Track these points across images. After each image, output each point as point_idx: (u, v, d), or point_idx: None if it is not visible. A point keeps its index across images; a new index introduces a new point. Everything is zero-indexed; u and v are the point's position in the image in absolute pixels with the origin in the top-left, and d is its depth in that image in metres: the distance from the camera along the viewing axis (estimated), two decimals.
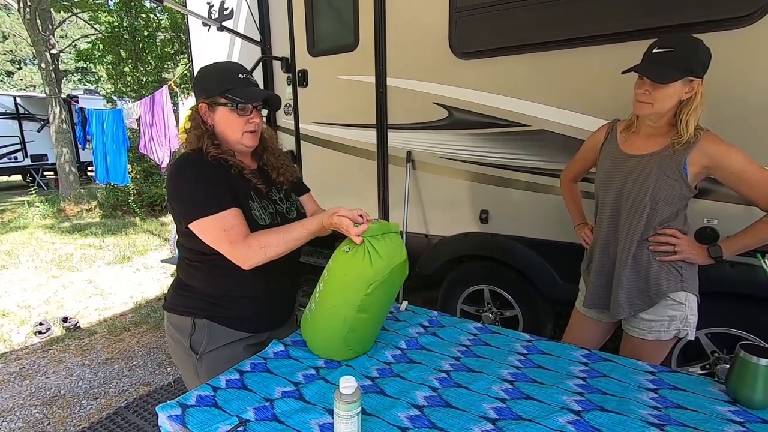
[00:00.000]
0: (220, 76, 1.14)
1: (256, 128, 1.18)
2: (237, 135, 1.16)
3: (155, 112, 5.32)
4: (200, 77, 1.18)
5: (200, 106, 1.16)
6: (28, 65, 22.97)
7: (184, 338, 1.20)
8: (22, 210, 7.75)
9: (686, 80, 1.20)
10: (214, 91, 1.13)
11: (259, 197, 1.19)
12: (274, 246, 1.09)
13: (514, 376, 1.10)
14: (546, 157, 2.04)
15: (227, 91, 1.12)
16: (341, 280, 1.12)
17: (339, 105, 2.67)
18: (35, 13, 7.86)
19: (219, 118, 1.15)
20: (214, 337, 1.20)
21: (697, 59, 1.19)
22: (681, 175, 1.26)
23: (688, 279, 1.34)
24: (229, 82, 1.12)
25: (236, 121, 1.14)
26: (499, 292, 2.37)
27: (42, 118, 10.89)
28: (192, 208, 1.09)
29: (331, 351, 1.18)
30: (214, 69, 1.18)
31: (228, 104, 1.12)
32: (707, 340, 1.83)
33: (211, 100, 1.14)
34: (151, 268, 4.75)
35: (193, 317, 1.20)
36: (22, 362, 2.79)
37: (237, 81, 1.13)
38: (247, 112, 1.15)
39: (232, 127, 1.15)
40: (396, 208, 2.58)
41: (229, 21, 3.06)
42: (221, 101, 1.13)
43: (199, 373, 1.21)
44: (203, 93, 1.16)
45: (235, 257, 1.09)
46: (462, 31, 2.14)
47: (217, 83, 1.13)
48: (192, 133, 1.15)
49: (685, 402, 0.98)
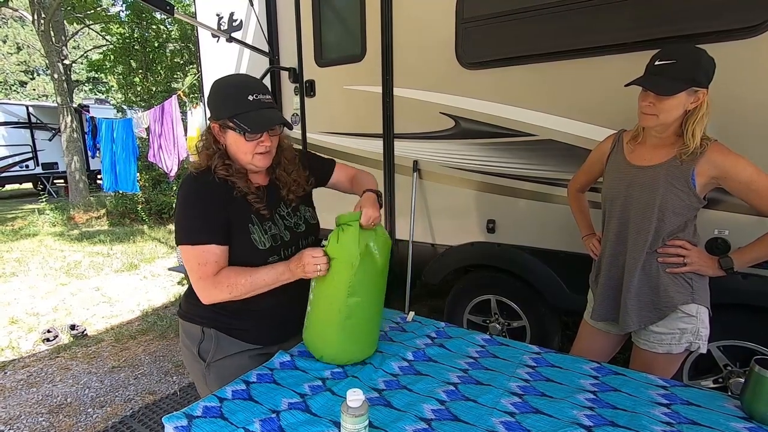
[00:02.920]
0: (229, 99, 1.10)
1: (266, 150, 1.14)
2: (248, 157, 1.13)
3: (164, 122, 5.38)
4: (211, 97, 1.14)
5: (213, 126, 1.15)
6: (40, 75, 23.43)
7: (194, 346, 1.22)
8: (32, 218, 7.85)
9: (691, 91, 1.19)
10: (222, 114, 1.10)
11: (260, 220, 1.18)
12: (240, 287, 1.11)
13: (522, 389, 1.09)
14: (553, 167, 2.03)
15: (235, 116, 1.08)
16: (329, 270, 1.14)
17: (346, 115, 2.69)
18: (49, 25, 8.03)
19: (229, 140, 1.14)
20: (222, 347, 1.21)
21: (700, 69, 1.18)
22: (689, 186, 1.24)
23: (698, 291, 1.32)
24: (238, 106, 1.08)
25: (246, 145, 1.11)
26: (506, 303, 2.35)
27: (53, 127, 11.08)
28: (179, 233, 1.13)
29: (333, 349, 1.18)
30: (224, 89, 1.13)
31: (236, 130, 1.10)
32: (720, 353, 1.79)
33: (221, 123, 1.12)
34: (158, 276, 4.77)
35: (202, 326, 1.22)
36: (30, 369, 2.80)
37: (246, 104, 1.08)
38: (257, 136, 1.11)
39: (242, 150, 1.13)
40: (402, 217, 2.58)
41: (237, 32, 3.11)
42: (230, 125, 1.10)
43: (208, 381, 1.22)
44: (213, 114, 1.14)
45: (198, 291, 1.13)
46: (468, 41, 2.15)
47: (226, 107, 1.10)
48: (203, 152, 1.15)
49: (699, 418, 0.96)
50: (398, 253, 2.64)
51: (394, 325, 1.49)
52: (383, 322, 1.53)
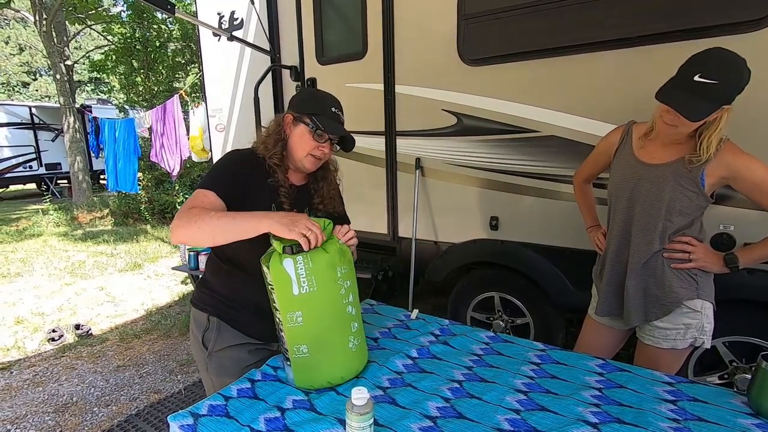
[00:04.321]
0: (316, 101, 1.24)
1: (321, 156, 1.23)
2: (302, 154, 1.21)
3: (166, 121, 5.39)
4: (301, 94, 1.30)
5: (287, 116, 1.23)
6: (43, 76, 23.48)
7: (199, 333, 1.26)
8: (36, 218, 7.88)
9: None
10: (305, 108, 1.21)
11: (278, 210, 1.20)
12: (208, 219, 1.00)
13: (527, 386, 1.08)
14: (556, 163, 2.02)
15: (315, 115, 1.19)
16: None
17: (348, 112, 2.66)
18: (51, 26, 8.04)
19: (296, 132, 1.21)
20: (223, 337, 1.24)
21: (737, 90, 1.10)
22: (698, 187, 1.22)
23: (703, 287, 1.31)
24: (321, 110, 1.21)
25: (308, 143, 1.20)
26: (510, 300, 2.35)
27: (56, 128, 11.12)
28: (203, 179, 1.16)
29: (341, 364, 1.10)
30: (316, 94, 1.34)
31: (310, 125, 1.19)
32: (725, 349, 1.79)
33: (298, 115, 1.21)
34: (162, 275, 4.79)
35: (208, 314, 1.25)
36: (36, 369, 2.81)
37: (328, 112, 1.21)
38: (323, 139, 1.21)
39: (302, 146, 1.20)
40: (405, 215, 2.57)
41: (239, 31, 3.10)
42: (305, 120, 1.20)
43: (209, 369, 1.25)
44: (296, 106, 1.24)
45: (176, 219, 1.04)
46: (470, 38, 2.14)
47: (311, 105, 1.23)
48: (271, 137, 1.22)
49: (706, 414, 0.95)
50: (401, 251, 2.64)
51: (398, 323, 1.49)
52: (387, 320, 1.53)
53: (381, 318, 1.54)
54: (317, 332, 1.04)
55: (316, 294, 1.01)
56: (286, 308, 1.02)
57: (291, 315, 1.02)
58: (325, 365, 1.06)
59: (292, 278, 1.00)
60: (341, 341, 1.08)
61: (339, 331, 1.07)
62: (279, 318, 1.05)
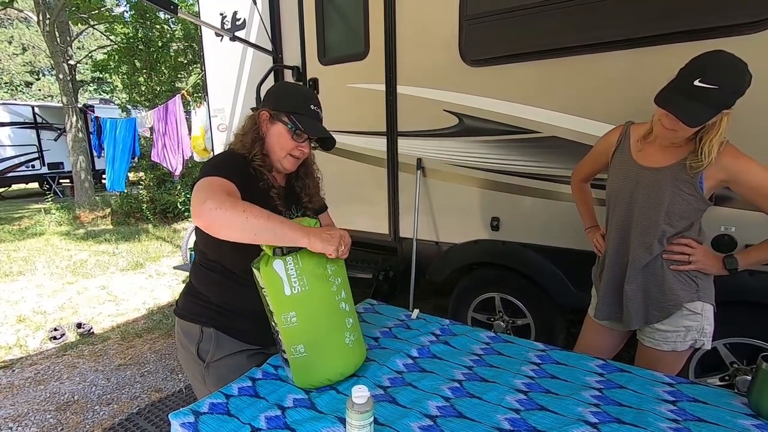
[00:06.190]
0: (294, 98, 1.18)
1: (301, 156, 1.20)
2: (282, 154, 1.18)
3: (168, 121, 5.41)
4: (275, 89, 1.22)
5: (262, 112, 1.18)
6: (46, 76, 23.57)
7: (192, 346, 1.20)
8: (38, 217, 7.91)
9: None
10: (283, 107, 1.16)
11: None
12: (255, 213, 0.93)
13: (528, 386, 1.08)
14: (557, 164, 2.03)
15: (294, 114, 1.14)
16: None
17: (349, 113, 2.69)
18: (54, 26, 8.06)
19: (274, 131, 1.17)
20: (222, 347, 1.20)
21: (738, 95, 1.09)
22: (697, 190, 1.22)
23: (704, 288, 1.31)
24: (300, 107, 1.16)
25: (287, 143, 1.17)
26: (511, 300, 2.35)
27: (59, 127, 11.15)
28: (200, 175, 1.05)
29: (339, 361, 1.10)
30: (292, 88, 1.26)
31: (288, 125, 1.15)
32: (726, 350, 1.79)
33: (275, 113, 1.16)
34: (163, 274, 4.80)
35: (201, 326, 1.20)
36: (37, 367, 2.82)
37: (307, 110, 1.17)
38: (302, 139, 1.18)
39: (281, 146, 1.17)
40: (406, 215, 2.58)
41: (241, 31, 3.11)
42: (284, 119, 1.15)
43: (207, 381, 1.20)
44: (272, 104, 1.18)
45: (209, 199, 0.95)
46: (472, 39, 2.15)
47: (288, 102, 1.17)
48: (248, 136, 1.17)
49: (706, 415, 0.95)
50: (402, 251, 2.64)
51: (399, 323, 1.50)
52: (388, 320, 1.53)
53: (382, 317, 1.55)
54: (312, 331, 1.05)
55: (308, 293, 1.02)
56: (279, 309, 1.03)
57: (285, 316, 1.02)
58: (324, 363, 1.07)
59: (283, 279, 1.00)
60: (337, 338, 1.08)
61: (334, 328, 1.08)
62: (274, 321, 1.05)
